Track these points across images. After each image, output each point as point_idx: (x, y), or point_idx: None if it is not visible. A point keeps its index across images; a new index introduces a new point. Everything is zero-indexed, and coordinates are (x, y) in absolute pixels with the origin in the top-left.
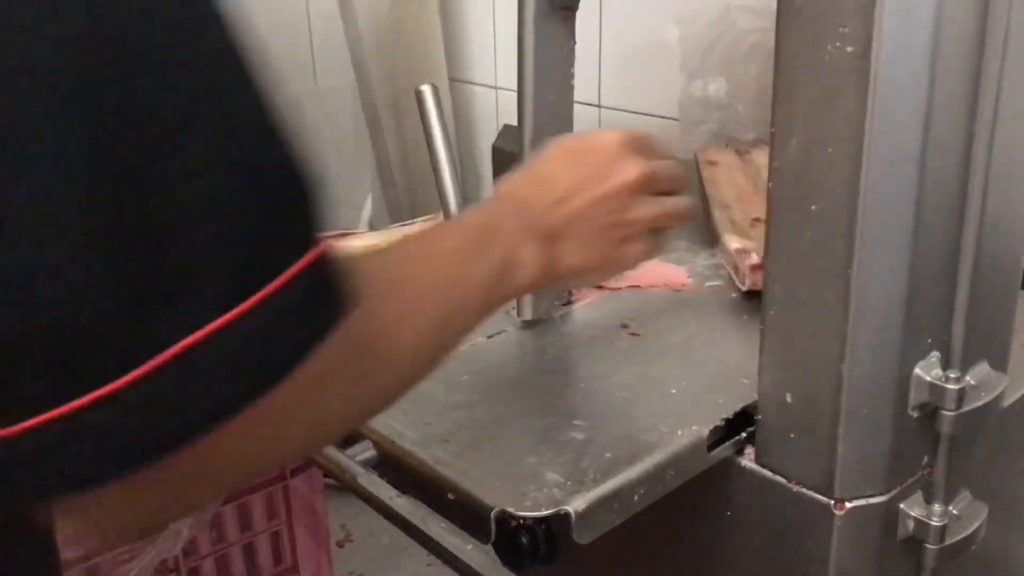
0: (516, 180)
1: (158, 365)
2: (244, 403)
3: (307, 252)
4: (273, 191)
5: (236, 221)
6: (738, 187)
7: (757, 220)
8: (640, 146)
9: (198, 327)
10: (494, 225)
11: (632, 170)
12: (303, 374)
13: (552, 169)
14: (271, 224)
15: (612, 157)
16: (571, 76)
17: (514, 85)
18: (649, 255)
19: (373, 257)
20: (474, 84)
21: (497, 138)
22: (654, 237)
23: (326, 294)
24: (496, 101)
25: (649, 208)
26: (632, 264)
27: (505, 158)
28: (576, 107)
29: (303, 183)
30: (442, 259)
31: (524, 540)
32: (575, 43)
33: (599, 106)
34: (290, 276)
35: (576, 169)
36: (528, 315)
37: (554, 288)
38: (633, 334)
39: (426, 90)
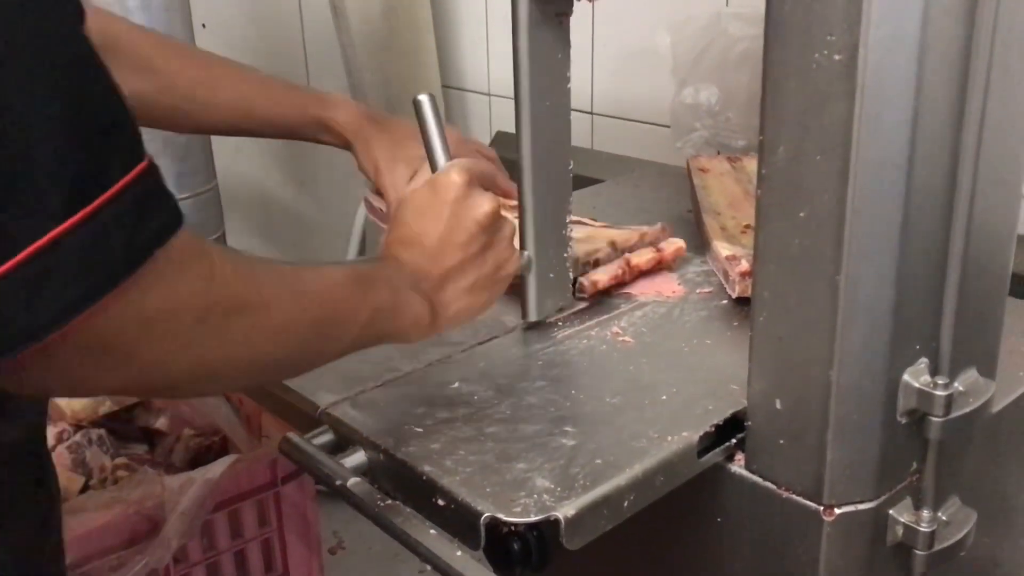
0: (393, 247)
1: (10, 268)
2: (91, 300)
3: (134, 167)
4: (96, 112)
5: (66, 140)
6: (729, 194)
7: (748, 227)
8: (480, 176)
9: (41, 235)
10: (377, 274)
11: (484, 205)
12: (166, 296)
13: (415, 228)
14: (98, 141)
15: (461, 199)
16: (567, 81)
17: (508, 92)
18: (517, 266)
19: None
20: (467, 91)
21: (490, 144)
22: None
23: (156, 202)
24: (489, 108)
25: (508, 226)
26: (512, 276)
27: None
28: None
29: (121, 106)
30: (328, 283)
31: (515, 546)
32: (570, 48)
33: (591, 113)
34: (120, 186)
35: (435, 222)
36: (533, 316)
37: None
38: (624, 341)
39: (424, 100)
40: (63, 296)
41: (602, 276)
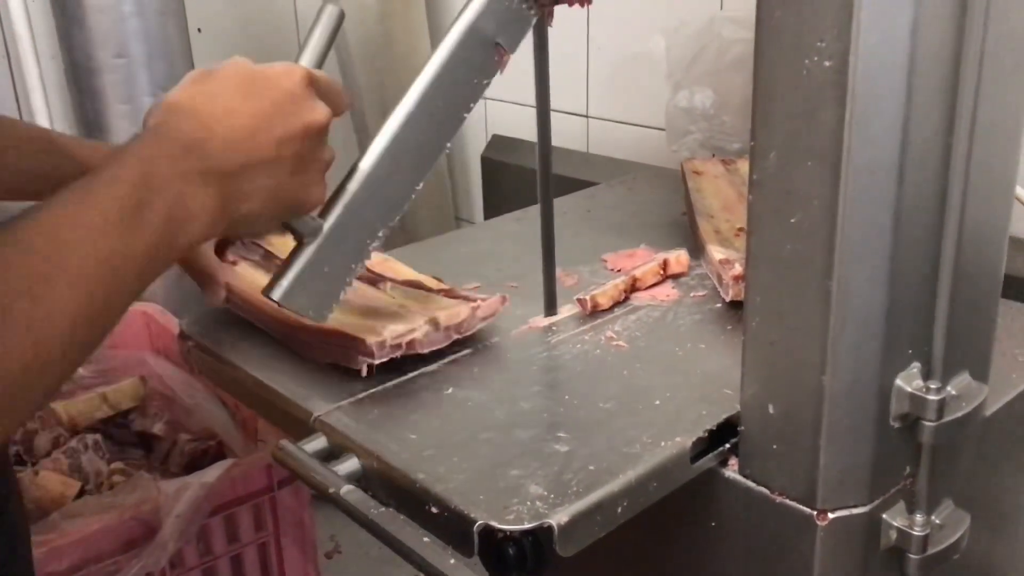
0: (182, 111)
1: None
2: None
3: None
4: None
5: None
6: (723, 197)
7: (741, 230)
8: (328, 91)
9: None
10: (153, 177)
11: (320, 112)
12: None
13: (227, 103)
14: None
15: (297, 95)
16: (468, 110)
17: (504, 96)
18: (324, 198)
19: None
20: None
21: (486, 148)
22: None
23: None
24: (485, 111)
25: (329, 152)
26: (314, 206)
27: (495, 168)
28: (564, 117)
29: None
30: (89, 240)
31: (511, 552)
32: (488, 84)
33: (587, 116)
34: None
35: (256, 104)
36: (277, 294)
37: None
38: (618, 345)
39: (327, 10)
40: None
41: (603, 300)
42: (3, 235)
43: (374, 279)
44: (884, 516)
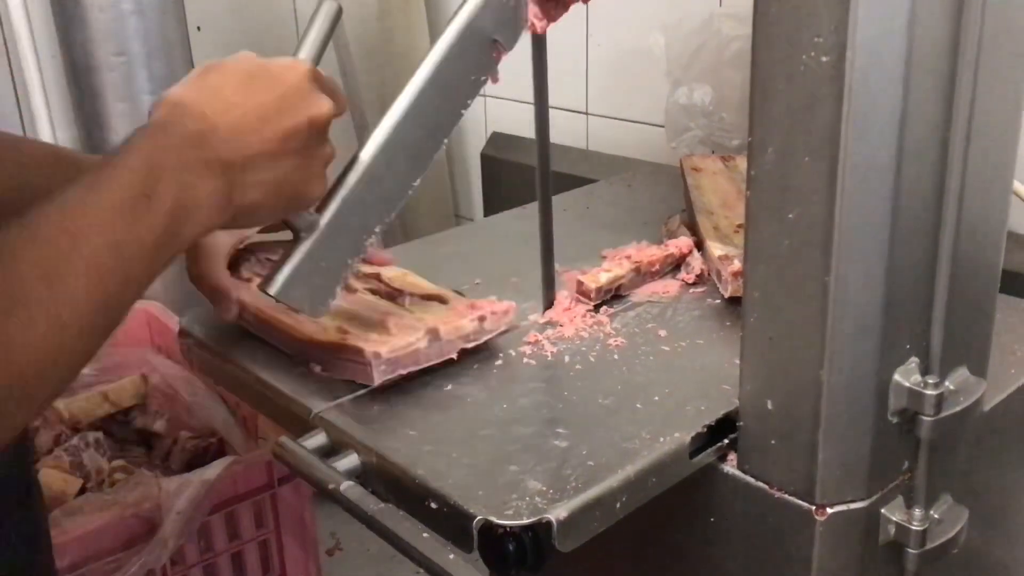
0: (186, 106)
1: None
2: None
3: None
4: None
5: None
6: (722, 193)
7: (741, 226)
8: (323, 82)
9: None
10: (159, 168)
11: (324, 106)
12: None
13: (231, 97)
14: None
15: (302, 89)
16: (465, 106)
17: (503, 93)
18: (323, 193)
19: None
20: None
21: (486, 145)
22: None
23: None
24: (484, 108)
25: (329, 147)
26: (314, 201)
27: (494, 165)
28: (564, 114)
29: None
30: (99, 228)
31: (511, 547)
32: (486, 81)
33: (586, 113)
34: None
35: (261, 98)
36: (274, 288)
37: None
38: (616, 341)
39: (326, 4)
40: None
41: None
42: (16, 227)
43: (393, 294)
44: (883, 511)
